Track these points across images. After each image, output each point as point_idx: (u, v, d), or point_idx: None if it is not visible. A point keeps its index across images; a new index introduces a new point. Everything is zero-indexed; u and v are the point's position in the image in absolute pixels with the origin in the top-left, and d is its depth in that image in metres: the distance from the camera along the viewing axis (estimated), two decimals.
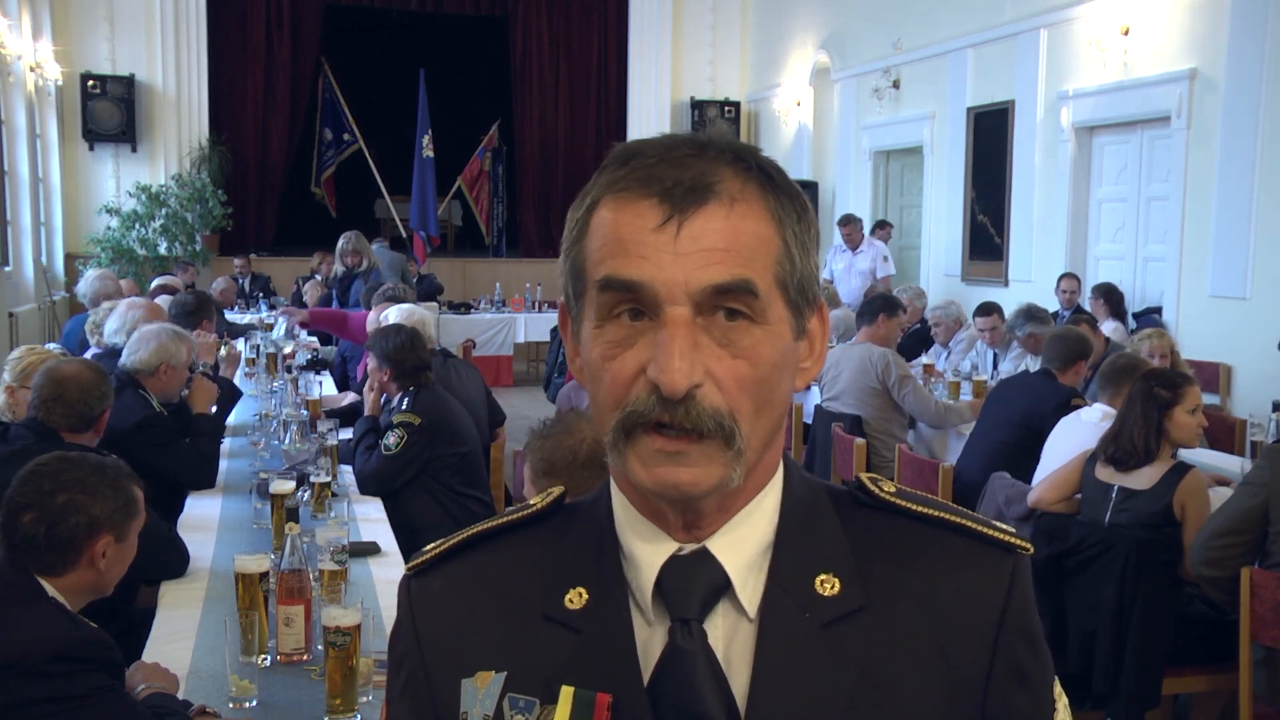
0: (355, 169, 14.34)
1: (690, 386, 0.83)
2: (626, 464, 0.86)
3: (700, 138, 0.89)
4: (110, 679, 2.12)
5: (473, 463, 4.32)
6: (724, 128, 14.42)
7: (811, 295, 0.90)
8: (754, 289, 0.84)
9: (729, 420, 0.84)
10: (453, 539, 1.01)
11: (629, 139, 8.66)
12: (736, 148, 0.89)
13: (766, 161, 0.90)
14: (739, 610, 0.90)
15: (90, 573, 2.30)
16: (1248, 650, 3.24)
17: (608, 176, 0.89)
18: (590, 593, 0.92)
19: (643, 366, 0.84)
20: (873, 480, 0.96)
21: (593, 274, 0.87)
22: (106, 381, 3.46)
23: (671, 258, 0.83)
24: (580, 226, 0.90)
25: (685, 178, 0.85)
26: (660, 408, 0.83)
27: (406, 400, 4.21)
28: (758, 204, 0.87)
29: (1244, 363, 7.28)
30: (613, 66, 14.81)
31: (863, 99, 11.70)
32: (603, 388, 0.87)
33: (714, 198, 0.85)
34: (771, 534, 0.92)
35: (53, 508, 2.25)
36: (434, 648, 0.97)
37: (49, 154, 12.05)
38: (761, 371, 0.86)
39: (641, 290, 0.84)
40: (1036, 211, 9.23)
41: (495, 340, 11.52)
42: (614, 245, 0.86)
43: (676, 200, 0.84)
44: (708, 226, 0.84)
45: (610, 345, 0.86)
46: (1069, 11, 8.68)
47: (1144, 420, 3.57)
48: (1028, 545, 0.94)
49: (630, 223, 0.85)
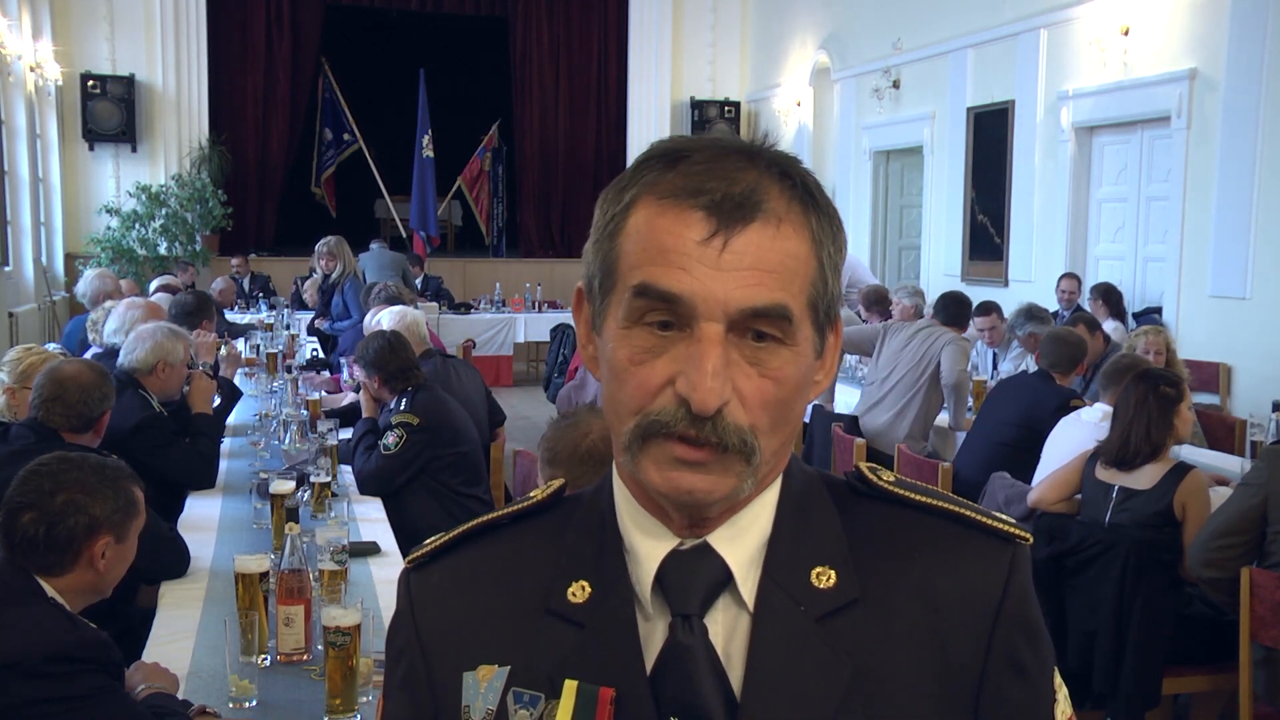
0: (355, 169, 14.34)
1: (720, 405, 0.83)
2: (640, 466, 0.86)
3: (749, 146, 0.88)
4: (110, 679, 2.12)
5: (473, 462, 4.32)
6: (723, 128, 14.44)
7: (834, 314, 0.91)
8: (789, 314, 0.84)
9: (751, 437, 0.84)
10: (453, 532, 1.01)
11: (629, 139, 8.78)
12: (784, 161, 0.88)
13: (811, 179, 0.89)
14: (739, 604, 0.90)
15: (90, 573, 2.30)
16: (1247, 650, 3.24)
17: (652, 176, 0.87)
18: (593, 586, 0.92)
19: (671, 378, 0.84)
20: (872, 470, 0.96)
21: (628, 276, 0.86)
22: (108, 382, 3.45)
23: (714, 273, 0.83)
24: (617, 222, 0.88)
25: (735, 193, 0.84)
26: (687, 422, 0.83)
27: (405, 401, 4.21)
28: (800, 225, 0.86)
29: (1244, 363, 7.28)
30: (613, 66, 14.80)
31: (863, 99, 11.70)
32: (625, 390, 0.86)
33: (761, 216, 0.84)
34: (771, 527, 0.92)
35: (52, 508, 2.25)
36: (434, 641, 0.96)
37: (49, 154, 12.05)
38: (785, 392, 0.86)
39: (679, 303, 0.83)
40: (1036, 211, 9.23)
41: (495, 340, 11.52)
42: (655, 252, 0.84)
43: (725, 215, 0.83)
44: (752, 245, 0.84)
45: (639, 351, 0.85)
46: (1069, 11, 8.68)
47: (1160, 418, 3.59)
48: (1027, 535, 0.93)
49: (674, 231, 0.84)
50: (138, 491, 2.41)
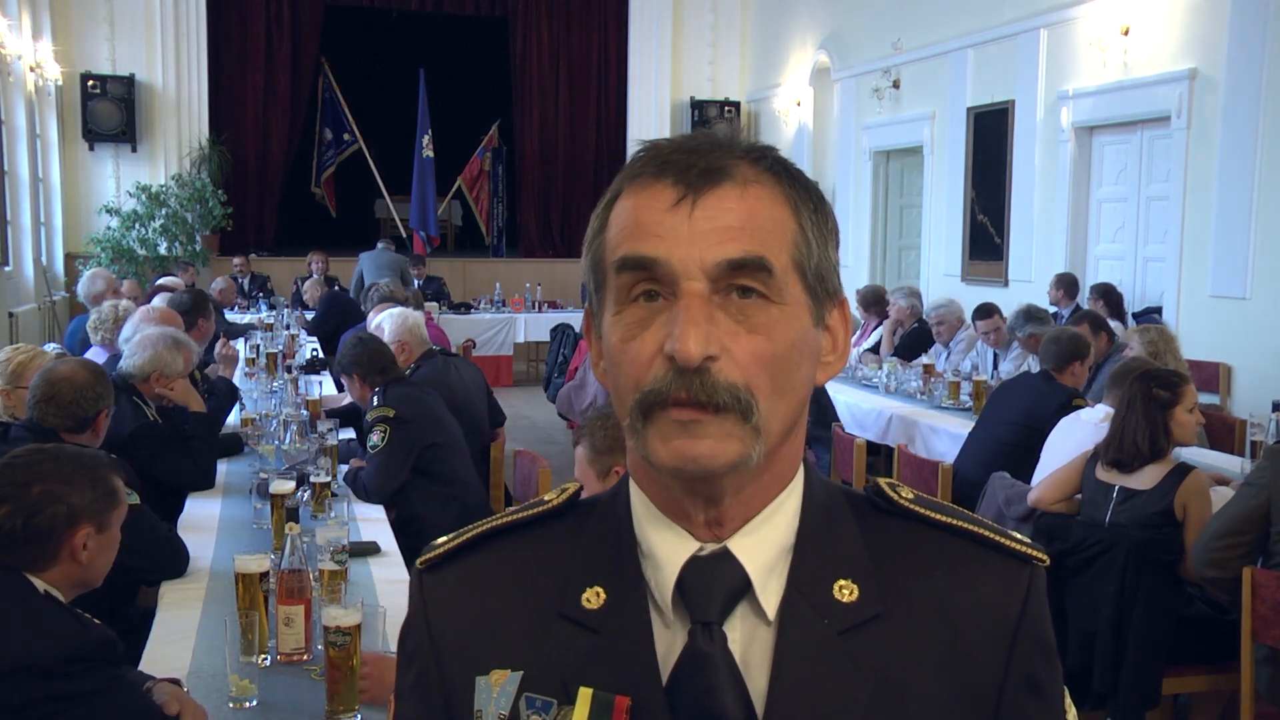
0: (355, 169, 14.35)
1: (705, 356, 0.82)
2: (647, 443, 0.85)
3: (719, 136, 0.90)
4: (115, 669, 2.12)
5: (452, 454, 4.29)
6: (724, 128, 14.40)
7: (832, 288, 0.91)
8: (768, 265, 0.85)
9: (745, 394, 0.84)
10: (465, 533, 0.99)
11: (629, 139, 8.80)
12: (755, 145, 0.90)
13: (787, 162, 0.91)
14: (758, 613, 0.89)
15: (73, 566, 2.26)
16: (1249, 650, 3.24)
17: (627, 171, 0.90)
18: (608, 592, 0.91)
19: (660, 345, 0.84)
20: (891, 486, 0.96)
21: (610, 258, 0.88)
22: (103, 382, 3.42)
23: (688, 235, 0.84)
24: (600, 222, 0.91)
25: (699, 162, 0.86)
26: (677, 382, 0.83)
27: (377, 398, 4.23)
28: (771, 189, 0.88)
29: (1244, 363, 7.28)
30: (613, 66, 14.80)
31: (863, 99, 11.70)
32: (622, 371, 0.87)
33: (728, 179, 0.86)
34: (792, 537, 0.91)
35: (29, 499, 2.21)
36: (447, 644, 0.95)
37: (49, 154, 12.05)
38: (778, 349, 0.85)
39: (657, 266, 0.84)
40: (1036, 211, 9.23)
41: (495, 340, 11.52)
42: (631, 228, 0.87)
43: (691, 181, 0.86)
44: (721, 205, 0.85)
45: (629, 327, 0.86)
46: (1069, 11, 8.68)
47: (1147, 421, 3.57)
48: (1044, 557, 0.94)
49: (647, 205, 0.87)
50: (118, 481, 2.37)
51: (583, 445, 2.40)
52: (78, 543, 2.25)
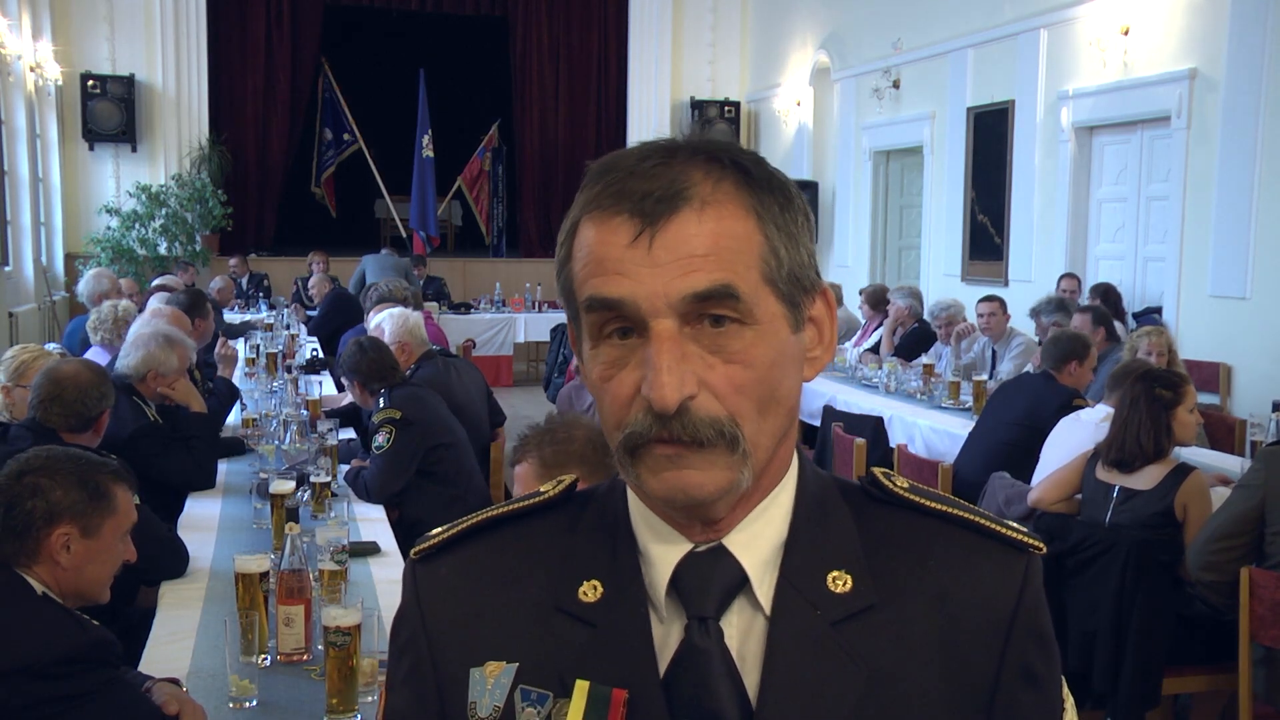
0: (355, 169, 14.35)
1: (682, 400, 0.82)
2: (638, 478, 0.86)
3: (670, 143, 0.87)
4: (113, 670, 2.12)
5: (458, 456, 4.30)
6: (724, 128, 14.42)
7: (808, 283, 0.89)
8: (735, 292, 0.83)
9: (729, 426, 0.83)
10: (460, 524, 0.99)
11: (629, 139, 8.84)
12: (710, 147, 0.87)
13: (743, 155, 0.88)
14: (755, 607, 0.89)
15: (56, 568, 2.21)
16: (1247, 650, 3.24)
17: (585, 195, 0.88)
18: (605, 586, 0.91)
19: (638, 386, 0.83)
20: (885, 475, 0.96)
21: (579, 294, 0.87)
22: (106, 382, 3.44)
23: (650, 271, 0.82)
24: (565, 249, 0.89)
25: (654, 189, 0.83)
26: (657, 425, 0.83)
27: (383, 399, 4.23)
28: (731, 204, 0.85)
29: (1244, 363, 7.28)
30: (613, 66, 14.80)
31: (863, 99, 11.70)
32: (604, 408, 0.87)
33: (685, 204, 0.83)
34: (787, 530, 0.91)
35: (13, 491, 2.22)
36: (441, 635, 0.95)
37: (49, 154, 12.05)
38: (758, 372, 0.84)
39: (623, 307, 0.83)
40: (1036, 211, 9.23)
41: (495, 340, 11.52)
42: (594, 265, 0.85)
43: (647, 213, 0.83)
44: (681, 234, 0.83)
45: (606, 366, 0.86)
46: (1069, 11, 8.67)
47: (1150, 421, 3.58)
48: (1040, 544, 0.94)
49: (606, 240, 0.84)
50: (117, 489, 2.32)
51: (529, 461, 2.27)
52: (55, 542, 2.21)
